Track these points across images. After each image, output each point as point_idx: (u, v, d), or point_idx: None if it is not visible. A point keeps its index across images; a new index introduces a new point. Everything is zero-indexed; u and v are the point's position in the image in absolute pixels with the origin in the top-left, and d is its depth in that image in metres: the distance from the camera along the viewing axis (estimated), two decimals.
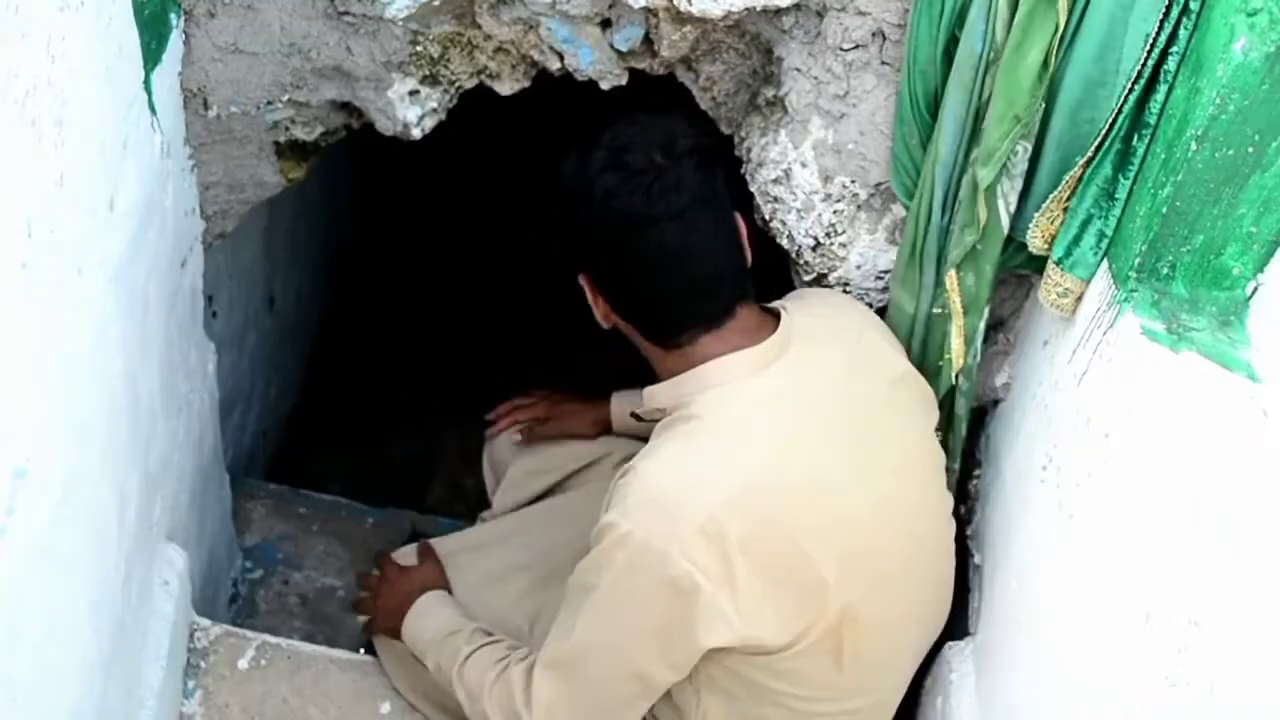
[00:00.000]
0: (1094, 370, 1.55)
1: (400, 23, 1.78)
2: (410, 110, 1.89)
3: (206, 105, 1.85)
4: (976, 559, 1.89)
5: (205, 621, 2.03)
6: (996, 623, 1.79)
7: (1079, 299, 1.62)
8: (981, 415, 1.96)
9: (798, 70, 1.75)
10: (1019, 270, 1.78)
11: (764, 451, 1.58)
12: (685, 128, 1.64)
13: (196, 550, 2.08)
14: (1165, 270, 1.48)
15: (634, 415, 1.88)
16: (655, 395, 1.71)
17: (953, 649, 1.87)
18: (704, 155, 1.62)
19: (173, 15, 1.71)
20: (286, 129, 1.93)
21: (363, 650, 2.13)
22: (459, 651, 1.82)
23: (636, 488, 1.57)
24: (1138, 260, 1.48)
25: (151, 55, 1.63)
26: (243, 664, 2.01)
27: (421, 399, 3.64)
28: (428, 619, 1.93)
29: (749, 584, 1.54)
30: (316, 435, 3.44)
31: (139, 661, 1.77)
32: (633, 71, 1.88)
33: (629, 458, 2.09)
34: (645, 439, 2.18)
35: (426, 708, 2.01)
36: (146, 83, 1.63)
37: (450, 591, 2.02)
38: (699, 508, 1.53)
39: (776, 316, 1.68)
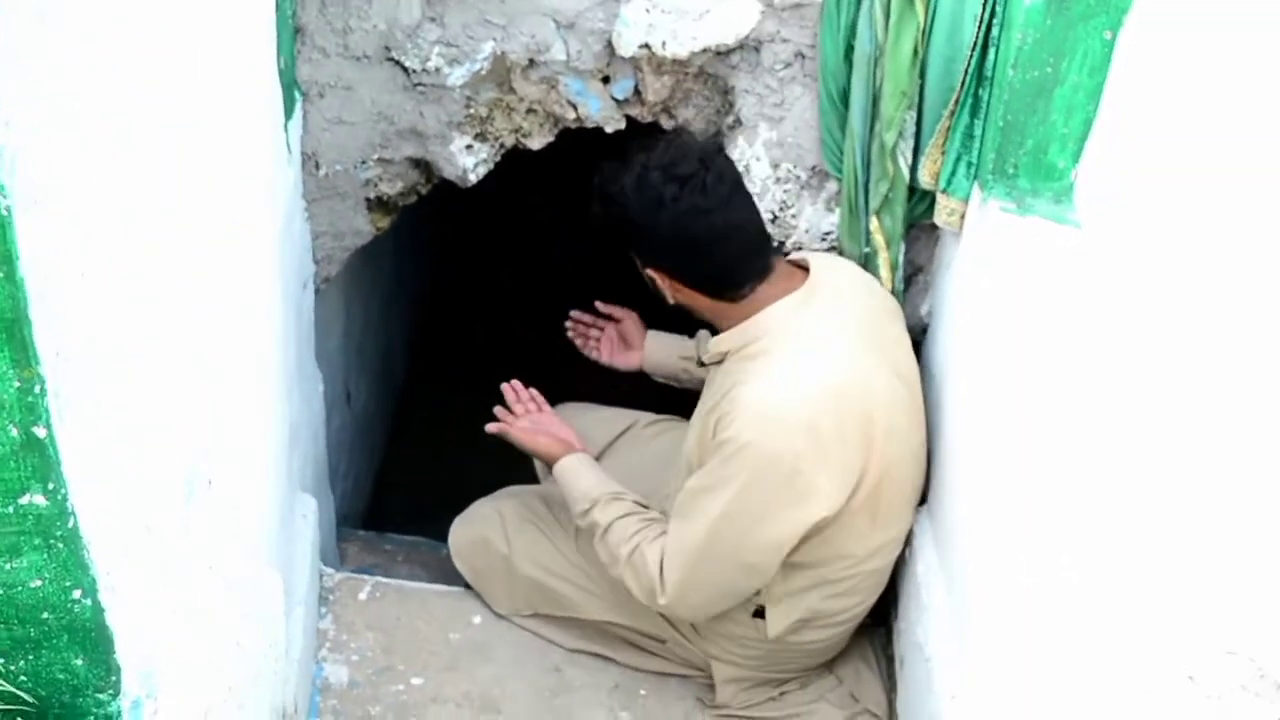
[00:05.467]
0: (974, 249, 2.16)
1: (458, 89, 2.46)
2: (467, 159, 2.56)
3: (318, 166, 2.52)
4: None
5: (329, 569, 2.58)
6: (940, 489, 2.34)
7: (962, 216, 2.24)
8: (917, 349, 2.55)
9: (746, 91, 2.43)
10: (924, 219, 2.40)
11: (830, 361, 2.12)
12: (698, 138, 2.27)
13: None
14: (1011, 170, 2.09)
15: (698, 361, 2.37)
16: (722, 341, 2.22)
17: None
18: (724, 152, 2.26)
19: (296, 92, 2.39)
20: (376, 185, 2.59)
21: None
22: (607, 515, 2.28)
23: (743, 408, 2.08)
24: (991, 165, 2.10)
25: (288, 110, 2.30)
26: (362, 596, 2.55)
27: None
28: (581, 472, 2.39)
29: (835, 457, 2.08)
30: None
31: (292, 563, 2.31)
32: (628, 118, 2.56)
33: (653, 422, 2.71)
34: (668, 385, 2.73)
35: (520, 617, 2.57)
36: (286, 128, 2.29)
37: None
38: (798, 411, 2.06)
39: (801, 267, 2.25)
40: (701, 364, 2.35)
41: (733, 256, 2.17)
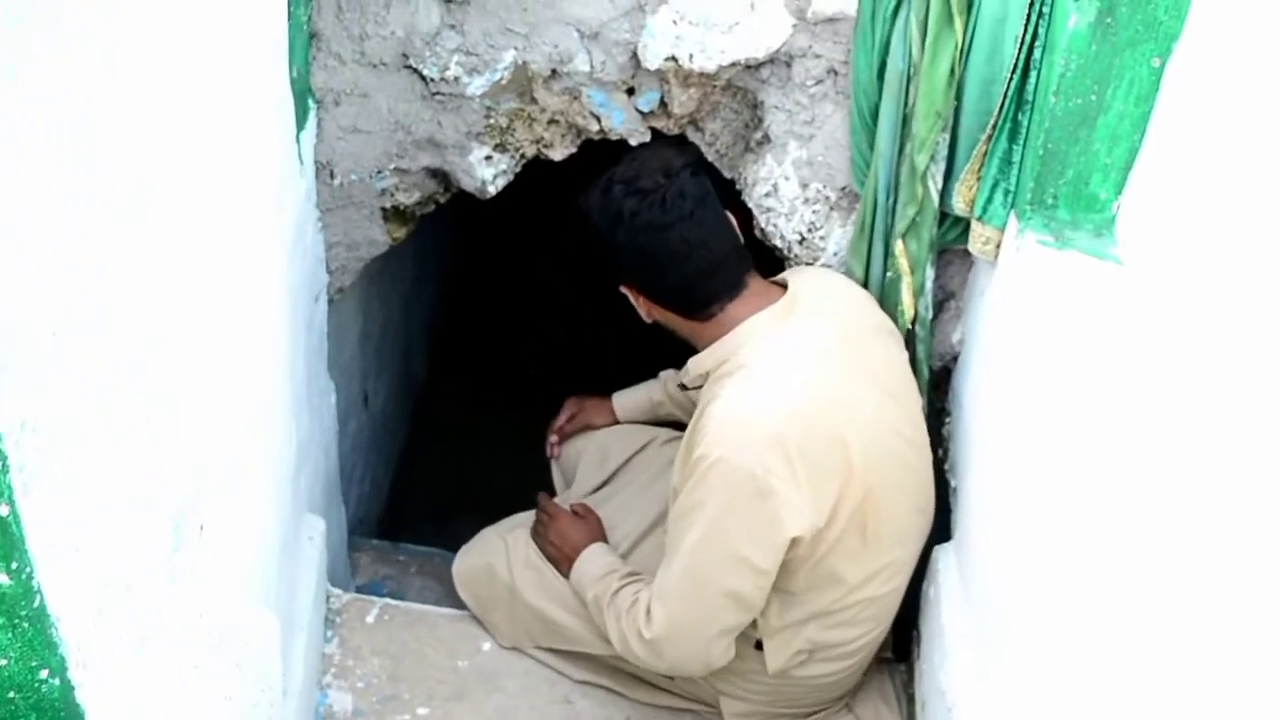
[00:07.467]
0: (1008, 281, 2.07)
1: (477, 99, 2.38)
2: (487, 170, 2.47)
3: (333, 175, 2.44)
4: (953, 483, 2.36)
5: (337, 590, 2.52)
6: (967, 525, 2.26)
7: (998, 245, 2.15)
8: (947, 377, 2.46)
9: (776, 107, 2.34)
10: (956, 245, 2.30)
11: (802, 378, 2.07)
12: (674, 151, 2.20)
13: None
14: (1050, 201, 2.00)
15: (681, 386, 2.36)
16: (700, 363, 2.20)
17: (940, 549, 2.34)
18: (694, 168, 2.18)
19: (310, 100, 2.32)
20: (392, 195, 2.51)
21: None
22: (610, 587, 2.28)
23: (715, 425, 2.04)
24: (1029, 195, 2.01)
25: (300, 120, 2.23)
26: (369, 619, 2.48)
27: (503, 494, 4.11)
28: (593, 562, 2.38)
29: (806, 476, 2.02)
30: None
31: (296, 590, 2.24)
32: (653, 130, 2.47)
33: (670, 439, 2.63)
34: (652, 422, 2.72)
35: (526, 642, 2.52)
36: (298, 138, 2.22)
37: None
38: (766, 426, 2.01)
39: (781, 285, 2.20)
40: (684, 388, 2.33)
41: (694, 273, 2.14)
